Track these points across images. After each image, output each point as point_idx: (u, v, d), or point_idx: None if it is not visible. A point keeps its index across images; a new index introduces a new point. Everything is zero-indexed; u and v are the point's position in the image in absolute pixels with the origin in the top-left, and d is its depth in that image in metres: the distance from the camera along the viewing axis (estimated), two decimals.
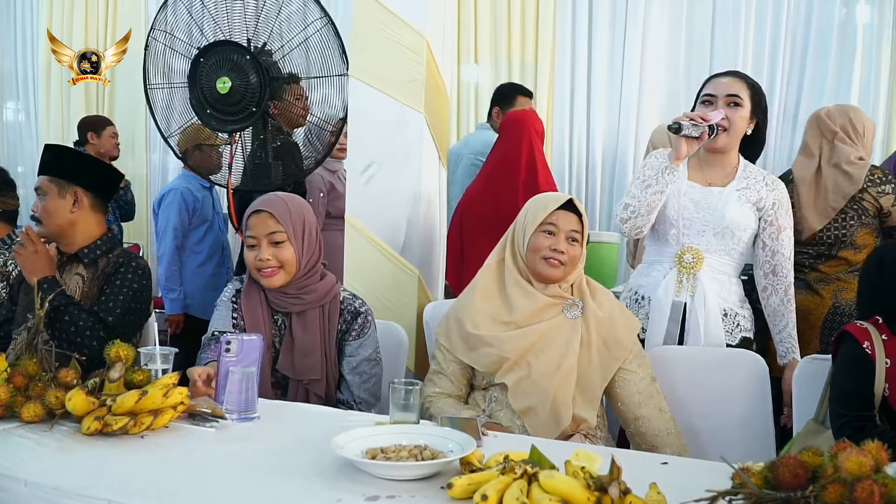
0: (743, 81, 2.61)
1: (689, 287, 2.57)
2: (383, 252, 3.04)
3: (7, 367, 1.90)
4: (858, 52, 4.71)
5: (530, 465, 1.34)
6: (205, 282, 4.18)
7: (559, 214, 2.33)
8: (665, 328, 2.58)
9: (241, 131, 3.49)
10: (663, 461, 1.71)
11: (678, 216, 2.58)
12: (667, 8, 5.17)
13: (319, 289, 2.37)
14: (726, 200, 2.56)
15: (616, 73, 5.31)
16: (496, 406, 2.29)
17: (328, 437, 1.62)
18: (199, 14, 3.43)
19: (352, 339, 2.39)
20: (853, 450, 1.19)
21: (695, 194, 2.59)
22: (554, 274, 2.31)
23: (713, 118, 2.48)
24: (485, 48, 5.57)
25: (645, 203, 2.53)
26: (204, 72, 3.42)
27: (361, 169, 3.09)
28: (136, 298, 2.60)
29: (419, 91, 3.03)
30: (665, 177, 2.51)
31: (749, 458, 1.40)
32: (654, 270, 2.66)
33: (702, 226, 2.57)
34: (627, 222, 2.58)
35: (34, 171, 6.49)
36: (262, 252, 2.29)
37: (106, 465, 1.59)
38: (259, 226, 2.31)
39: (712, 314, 2.55)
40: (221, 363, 1.99)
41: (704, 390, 2.47)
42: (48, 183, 2.65)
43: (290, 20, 3.36)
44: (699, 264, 2.57)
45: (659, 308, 2.59)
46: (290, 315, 2.36)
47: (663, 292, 2.58)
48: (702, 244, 2.58)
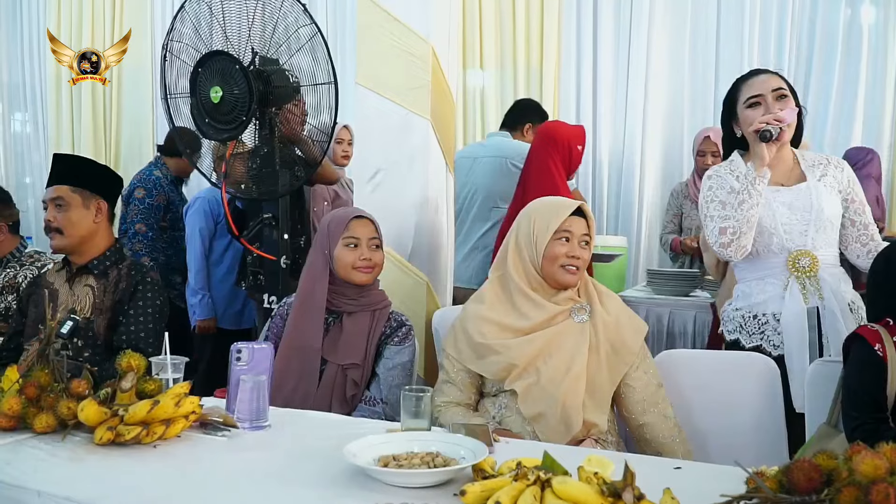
0: (776, 75, 2.57)
1: (814, 291, 2.48)
2: (391, 259, 3.04)
3: (19, 379, 1.90)
4: (864, 54, 4.70)
5: (543, 472, 1.34)
6: (227, 293, 4.20)
7: (572, 220, 2.32)
8: (805, 339, 2.47)
9: (233, 140, 3.52)
10: (676, 466, 1.70)
11: (775, 223, 2.49)
12: (671, 13, 5.17)
13: (373, 296, 2.59)
14: (819, 194, 2.50)
15: (621, 79, 5.31)
16: (506, 412, 2.28)
17: (340, 445, 1.62)
18: (208, 23, 3.44)
19: (393, 344, 2.54)
20: (868, 452, 1.18)
21: (783, 197, 2.52)
22: (572, 280, 2.31)
23: (787, 118, 2.44)
24: (490, 54, 5.57)
25: (745, 220, 2.44)
26: (201, 82, 3.44)
27: (368, 176, 3.10)
28: (159, 318, 2.62)
29: (425, 98, 3.03)
30: (756, 187, 2.43)
31: (761, 462, 1.39)
32: (769, 285, 2.54)
33: (803, 226, 2.49)
34: (731, 245, 2.46)
35: (42, 182, 6.54)
36: (365, 252, 2.53)
37: (118, 475, 1.60)
38: (362, 229, 2.55)
39: (844, 312, 2.47)
40: (232, 372, 1.99)
41: (715, 394, 2.45)
42: (71, 193, 2.63)
43: (287, 31, 3.37)
44: (816, 265, 2.48)
45: (794, 322, 2.47)
46: (342, 314, 2.54)
47: (792, 304, 2.48)
48: (808, 244, 2.49)
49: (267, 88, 3.37)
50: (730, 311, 2.65)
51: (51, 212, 2.62)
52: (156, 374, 1.95)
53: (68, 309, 2.56)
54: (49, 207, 2.63)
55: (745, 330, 2.58)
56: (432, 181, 3.09)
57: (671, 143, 5.24)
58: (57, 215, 2.61)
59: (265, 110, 3.43)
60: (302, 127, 3.56)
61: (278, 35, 3.37)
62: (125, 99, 6.71)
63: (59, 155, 2.80)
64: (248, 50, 3.39)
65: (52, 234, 2.62)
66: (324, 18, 5.84)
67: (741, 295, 2.62)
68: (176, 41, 3.51)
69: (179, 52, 3.51)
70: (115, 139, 6.75)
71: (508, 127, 4.40)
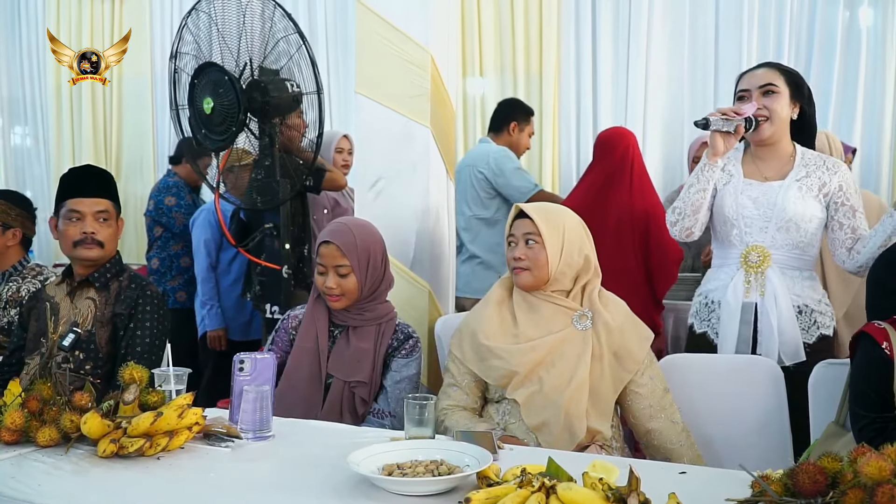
0: (776, 69, 2.59)
1: (758, 287, 2.53)
2: (393, 267, 3.04)
3: (22, 392, 1.90)
4: (863, 56, 4.69)
5: (548, 478, 1.34)
6: (234, 302, 4.20)
7: (516, 223, 2.37)
8: (737, 331, 2.54)
9: (224, 150, 3.56)
10: (681, 471, 1.70)
11: (738, 215, 2.56)
12: (669, 18, 5.16)
13: (379, 310, 2.53)
14: (786, 193, 2.53)
15: (621, 84, 5.30)
16: (510, 419, 2.28)
17: (344, 454, 1.62)
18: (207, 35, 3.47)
19: (399, 357, 2.50)
20: (872, 454, 1.18)
21: (752, 191, 2.56)
22: (523, 281, 2.32)
23: (746, 111, 2.47)
24: (489, 61, 5.57)
25: (689, 203, 2.54)
26: (196, 93, 3.48)
27: (369, 185, 3.10)
28: (158, 332, 2.60)
29: (425, 105, 3.04)
30: (704, 174, 2.51)
31: (766, 465, 1.39)
32: (722, 273, 2.63)
33: (763, 222, 2.54)
34: (676, 225, 2.60)
35: (42, 195, 6.52)
36: (329, 280, 2.46)
37: (122, 488, 1.60)
38: (328, 256, 2.47)
39: (785, 313, 2.51)
40: (235, 382, 1.99)
41: (719, 398, 2.45)
42: (113, 208, 2.63)
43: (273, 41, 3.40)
44: (766, 262, 2.53)
45: (729, 311, 2.56)
46: (348, 328, 2.51)
47: (732, 294, 2.55)
48: (766, 241, 2.54)
49: (264, 98, 3.38)
50: (696, 295, 2.75)
51: (92, 223, 2.56)
52: (158, 386, 1.95)
53: (70, 322, 2.55)
54: (89, 219, 2.56)
55: (698, 315, 2.67)
56: (433, 189, 3.09)
57: (671, 148, 5.23)
58: (100, 228, 2.58)
59: (265, 120, 3.45)
60: (300, 138, 3.57)
61: (266, 45, 3.41)
62: (126, 111, 6.71)
63: (93, 167, 2.77)
64: (241, 60, 3.43)
65: (91, 245, 2.56)
66: (322, 27, 5.84)
67: (705, 279, 2.74)
68: (183, 52, 3.56)
69: (185, 65, 3.57)
70: (115, 151, 6.75)
71: (494, 130, 4.43)
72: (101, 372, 2.51)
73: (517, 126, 4.38)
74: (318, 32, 5.83)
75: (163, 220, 4.47)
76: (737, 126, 2.44)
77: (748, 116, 2.46)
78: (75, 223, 2.57)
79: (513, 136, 4.37)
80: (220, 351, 4.14)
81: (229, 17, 3.42)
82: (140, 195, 6.61)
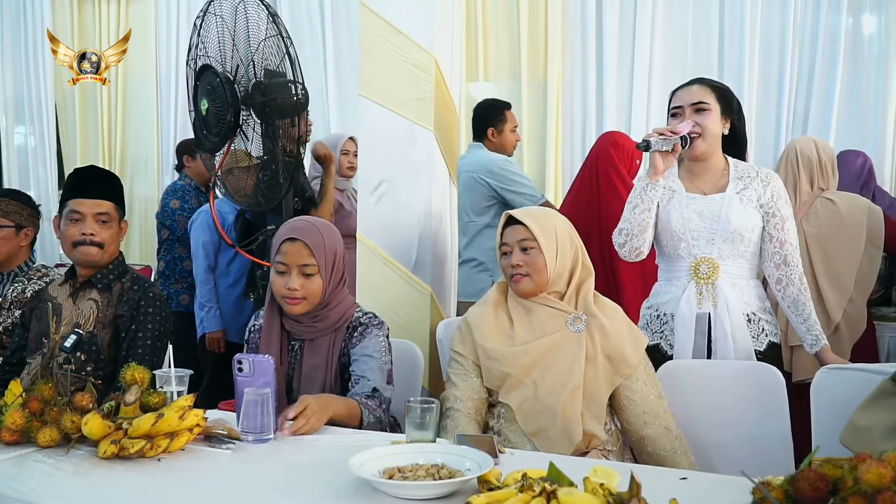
0: (706, 86, 2.66)
1: (710, 297, 2.58)
2: (395, 270, 3.04)
3: (22, 393, 1.90)
4: (866, 62, 4.70)
5: (549, 483, 1.34)
6: (233, 304, 4.21)
7: (507, 231, 2.38)
8: (692, 342, 2.58)
9: (218, 149, 3.60)
10: (682, 476, 1.70)
11: (685, 229, 2.60)
12: (674, 25, 5.16)
13: (331, 316, 2.35)
14: (729, 205, 2.58)
15: (625, 88, 5.30)
16: (504, 423, 2.29)
17: (345, 457, 1.62)
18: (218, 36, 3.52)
19: (353, 347, 2.33)
20: (873, 461, 1.18)
21: (696, 205, 2.62)
22: (524, 288, 2.33)
23: (682, 129, 2.54)
24: (494, 65, 5.58)
25: (636, 223, 2.59)
26: (197, 95, 3.54)
27: (372, 188, 3.10)
28: (160, 335, 2.61)
29: (428, 109, 3.04)
30: (648, 193, 2.56)
31: (767, 472, 1.39)
32: (673, 286, 2.66)
33: (710, 234, 2.59)
34: (624, 246, 2.64)
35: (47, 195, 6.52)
36: (292, 281, 2.26)
37: (123, 489, 1.60)
38: (292, 254, 2.28)
39: (737, 322, 2.56)
40: (237, 385, 1.99)
41: (719, 404, 2.44)
42: (115, 210, 2.63)
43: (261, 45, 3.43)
44: (715, 273, 2.58)
45: (683, 323, 2.59)
46: (304, 342, 2.36)
47: (686, 306, 2.59)
48: (713, 252, 2.59)
49: (264, 100, 3.39)
50: (643, 308, 2.77)
51: (92, 225, 2.56)
52: (160, 387, 1.96)
53: (72, 323, 2.56)
54: (89, 220, 2.56)
55: (649, 328, 2.69)
56: (436, 192, 3.09)
57: None
58: (100, 229, 2.58)
59: (268, 122, 3.46)
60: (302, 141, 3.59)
61: (253, 48, 3.44)
62: (130, 112, 6.73)
63: (98, 168, 2.78)
64: (234, 63, 3.48)
65: (91, 248, 2.56)
66: (328, 31, 5.85)
67: (653, 293, 2.77)
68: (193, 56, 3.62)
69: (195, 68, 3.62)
70: (120, 152, 6.76)
71: (477, 138, 4.44)
72: (102, 373, 2.50)
73: (494, 130, 4.39)
74: (324, 36, 5.85)
75: (167, 222, 4.48)
76: (674, 144, 2.51)
77: (683, 135, 2.53)
78: (76, 224, 2.57)
79: (495, 141, 4.38)
80: (218, 353, 4.14)
81: (229, 17, 3.47)
82: (144, 196, 6.63)
